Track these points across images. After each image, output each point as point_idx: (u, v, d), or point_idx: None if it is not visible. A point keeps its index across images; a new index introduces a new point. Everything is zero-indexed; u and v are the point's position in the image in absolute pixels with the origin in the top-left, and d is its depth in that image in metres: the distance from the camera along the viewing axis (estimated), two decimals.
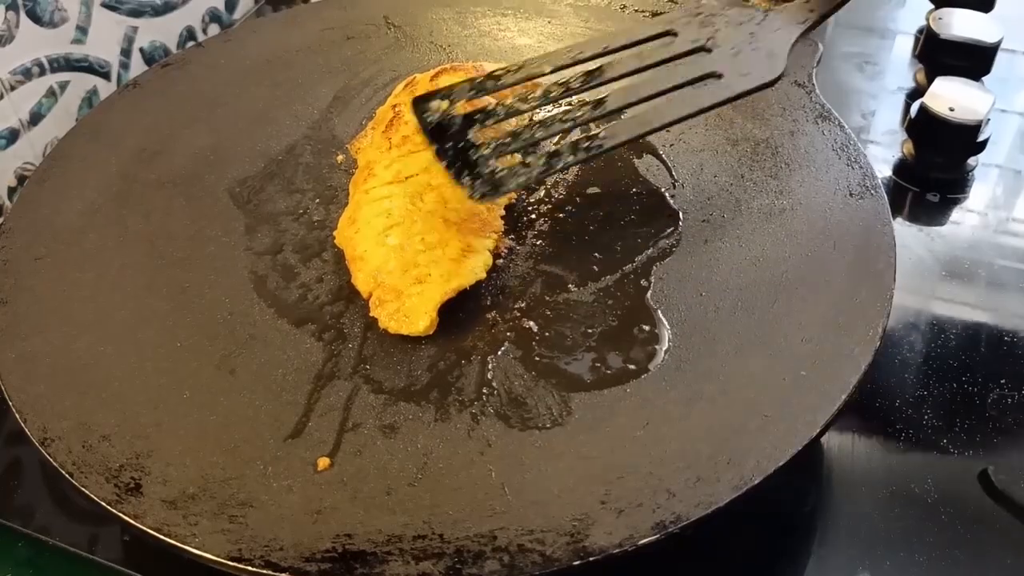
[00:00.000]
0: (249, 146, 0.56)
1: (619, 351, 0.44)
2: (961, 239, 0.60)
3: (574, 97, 0.48)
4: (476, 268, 0.46)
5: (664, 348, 0.44)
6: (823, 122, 0.55)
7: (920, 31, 0.75)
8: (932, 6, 0.75)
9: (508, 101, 0.48)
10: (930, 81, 0.64)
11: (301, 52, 0.64)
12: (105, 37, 0.68)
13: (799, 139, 0.55)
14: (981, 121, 0.61)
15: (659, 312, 0.45)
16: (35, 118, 0.63)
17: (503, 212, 0.50)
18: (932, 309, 0.55)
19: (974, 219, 0.61)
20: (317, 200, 0.53)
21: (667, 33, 0.51)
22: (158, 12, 0.72)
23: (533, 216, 0.51)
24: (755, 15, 0.51)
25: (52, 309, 0.46)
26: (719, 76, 0.49)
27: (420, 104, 0.48)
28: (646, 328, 0.45)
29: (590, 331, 0.45)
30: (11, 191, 0.61)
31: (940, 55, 0.69)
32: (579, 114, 0.47)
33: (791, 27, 0.51)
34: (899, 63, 0.76)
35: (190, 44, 0.74)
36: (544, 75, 0.49)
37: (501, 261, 0.48)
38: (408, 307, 0.44)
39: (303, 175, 0.54)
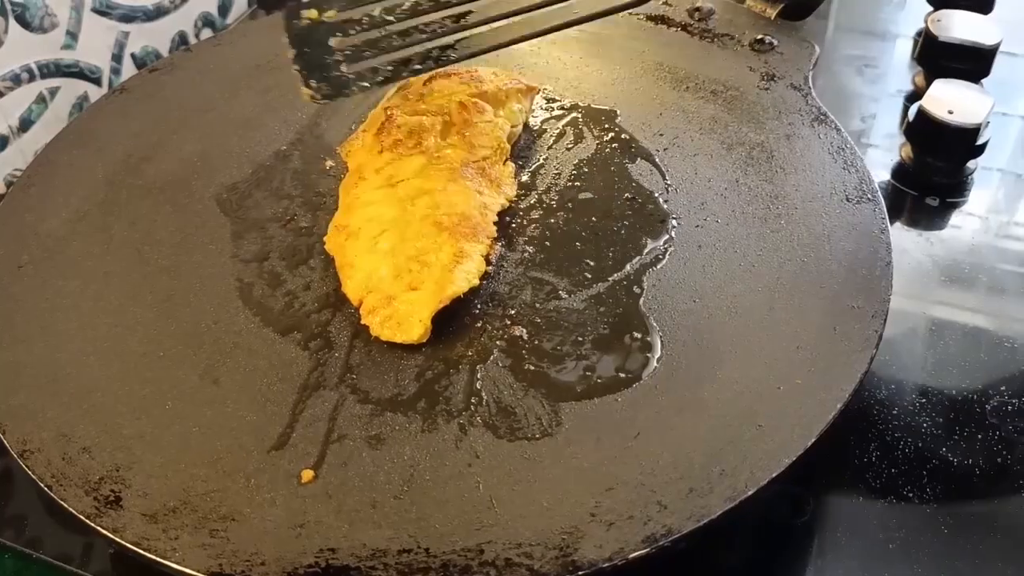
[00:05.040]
0: (237, 152, 0.56)
1: (611, 359, 0.43)
2: (961, 243, 0.59)
3: (441, 12, 0.49)
4: (470, 274, 0.45)
5: (656, 356, 0.43)
6: (819, 125, 0.55)
7: (919, 33, 0.74)
8: (931, 8, 0.74)
9: (376, 13, 0.49)
10: (929, 84, 0.64)
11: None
12: (96, 43, 0.67)
13: (795, 143, 0.54)
14: (980, 124, 0.60)
15: (651, 319, 0.45)
16: (25, 124, 0.62)
17: (496, 217, 0.49)
18: (931, 315, 0.54)
19: (974, 223, 0.61)
20: (305, 206, 0.52)
21: None
22: (150, 17, 0.72)
23: (524, 222, 0.50)
24: None
25: (34, 317, 0.46)
26: None
27: (292, 11, 0.49)
28: (638, 336, 0.44)
29: (581, 339, 0.44)
30: (0, 198, 0.61)
31: (939, 57, 0.68)
32: (439, 26, 0.48)
33: None
34: (900, 66, 0.75)
35: (181, 49, 0.73)
36: None
37: (491, 268, 0.47)
38: (401, 314, 0.44)
39: (291, 181, 0.54)
